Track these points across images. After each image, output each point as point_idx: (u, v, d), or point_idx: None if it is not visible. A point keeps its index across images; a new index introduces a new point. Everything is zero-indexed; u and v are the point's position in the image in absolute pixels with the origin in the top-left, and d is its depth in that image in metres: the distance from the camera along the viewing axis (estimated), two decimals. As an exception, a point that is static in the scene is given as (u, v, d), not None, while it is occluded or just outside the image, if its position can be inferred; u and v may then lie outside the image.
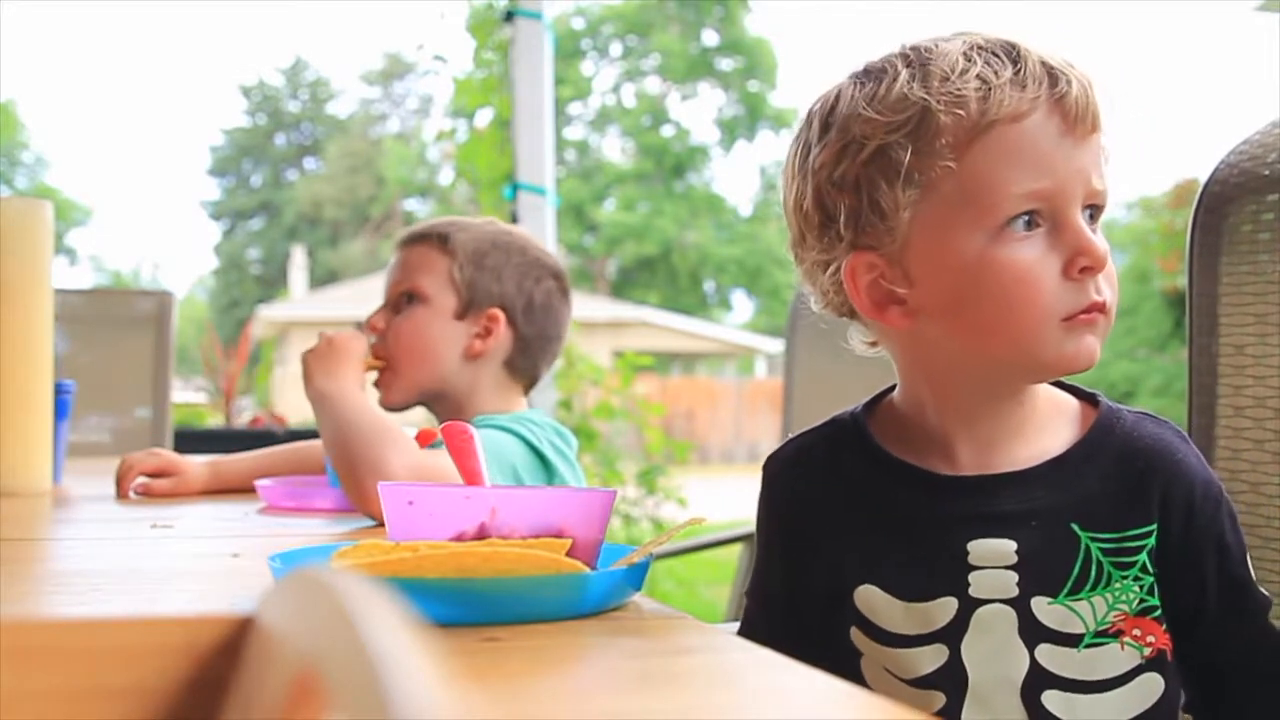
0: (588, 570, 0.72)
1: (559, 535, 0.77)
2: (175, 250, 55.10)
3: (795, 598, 1.00)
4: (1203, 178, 1.17)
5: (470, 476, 0.91)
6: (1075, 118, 0.88)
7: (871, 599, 0.94)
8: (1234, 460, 1.11)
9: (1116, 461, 0.92)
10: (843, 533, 0.97)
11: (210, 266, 37.11)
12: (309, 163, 35.42)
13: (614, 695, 0.52)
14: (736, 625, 1.04)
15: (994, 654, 0.91)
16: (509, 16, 4.08)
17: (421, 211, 28.82)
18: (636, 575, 0.75)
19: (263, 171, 35.70)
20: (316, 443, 1.66)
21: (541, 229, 3.88)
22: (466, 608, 0.66)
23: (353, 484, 1.24)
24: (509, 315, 1.60)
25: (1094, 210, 0.90)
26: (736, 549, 2.47)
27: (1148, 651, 0.90)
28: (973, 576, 0.91)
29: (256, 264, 34.90)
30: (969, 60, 0.88)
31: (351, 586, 0.32)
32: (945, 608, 0.91)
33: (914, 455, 0.96)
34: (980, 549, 0.91)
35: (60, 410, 1.66)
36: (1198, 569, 0.90)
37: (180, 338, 4.16)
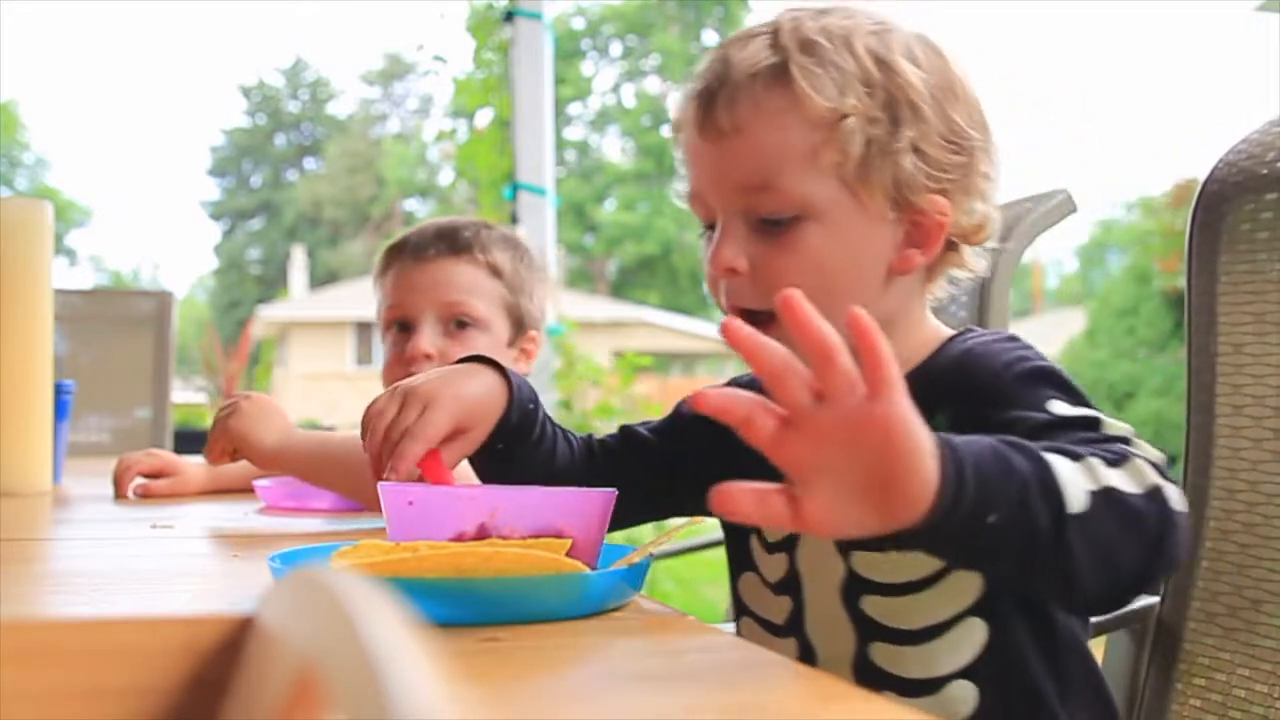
0: (587, 570, 0.72)
1: (559, 535, 0.77)
2: (175, 250, 55.24)
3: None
4: (1202, 177, 1.16)
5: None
6: (700, 119, 0.91)
7: None
8: (1233, 459, 1.11)
9: (928, 374, 0.90)
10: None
11: (210, 266, 37.16)
12: (309, 163, 35.44)
13: (614, 695, 0.52)
14: (736, 625, 1.04)
15: (818, 561, 0.93)
16: (509, 16, 4.08)
17: (421, 211, 28.83)
18: (636, 575, 0.74)
19: (263, 171, 35.72)
20: None
21: (541, 229, 3.89)
22: (466, 608, 0.66)
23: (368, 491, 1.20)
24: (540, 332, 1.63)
25: (779, 218, 0.88)
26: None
27: None
28: None
29: (256, 264, 34.93)
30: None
31: (351, 586, 0.32)
32: None
33: None
34: None
35: (60, 410, 1.66)
36: None
37: (180, 338, 4.17)
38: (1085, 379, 6.19)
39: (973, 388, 0.85)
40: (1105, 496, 0.69)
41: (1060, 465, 0.69)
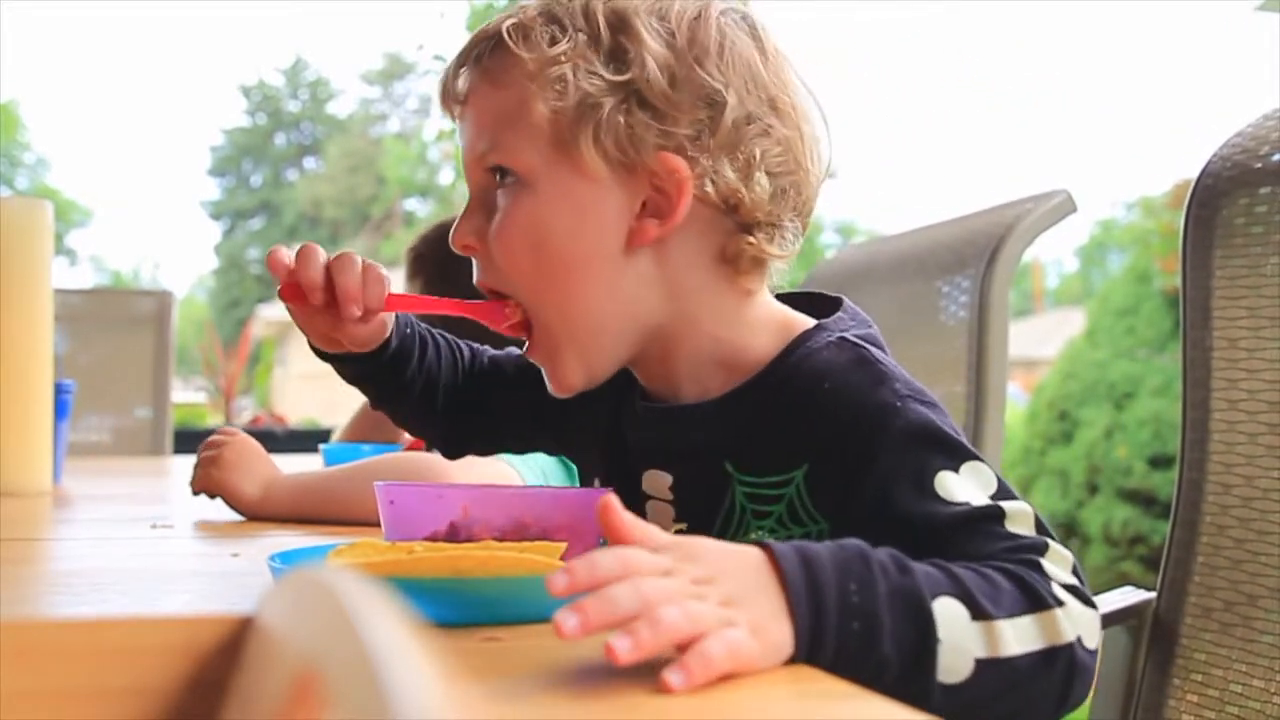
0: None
1: (528, 531, 0.76)
2: (175, 250, 55.22)
3: None
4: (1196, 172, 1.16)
5: None
6: (441, 93, 0.89)
7: None
8: (1228, 454, 1.11)
9: (775, 397, 0.83)
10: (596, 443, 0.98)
11: (210, 266, 37.16)
12: (309, 162, 35.44)
13: (614, 695, 0.52)
14: None
15: None
16: (508, 16, 4.08)
17: (421, 211, 28.82)
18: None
19: (263, 171, 35.72)
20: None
21: (541, 228, 3.89)
22: (466, 608, 0.66)
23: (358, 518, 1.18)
24: None
25: (503, 172, 0.84)
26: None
27: None
28: (648, 505, 0.90)
29: (256, 264, 34.88)
30: None
31: (351, 586, 0.32)
32: None
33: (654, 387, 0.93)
34: (649, 479, 0.90)
35: (60, 410, 1.66)
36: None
37: (180, 338, 4.17)
38: (1085, 379, 6.15)
39: (836, 439, 0.78)
40: (994, 667, 0.62)
41: (950, 632, 0.61)
